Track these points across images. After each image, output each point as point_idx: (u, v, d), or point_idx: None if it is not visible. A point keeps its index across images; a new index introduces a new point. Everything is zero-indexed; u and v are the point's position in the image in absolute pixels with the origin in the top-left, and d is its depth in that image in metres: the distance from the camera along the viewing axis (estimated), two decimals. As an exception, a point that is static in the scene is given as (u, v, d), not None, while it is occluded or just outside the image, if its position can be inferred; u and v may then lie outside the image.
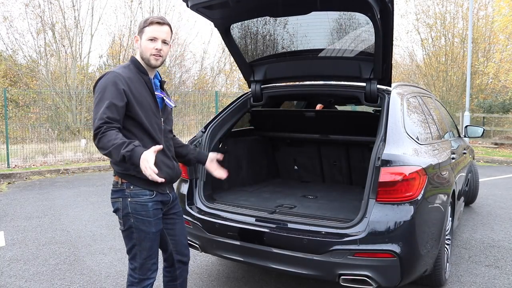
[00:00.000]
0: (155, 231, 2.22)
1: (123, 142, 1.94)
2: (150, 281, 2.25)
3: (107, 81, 2.09)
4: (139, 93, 2.15)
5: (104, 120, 2.00)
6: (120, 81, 2.09)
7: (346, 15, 3.00)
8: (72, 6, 15.95)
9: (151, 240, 2.21)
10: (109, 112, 2.02)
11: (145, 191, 2.18)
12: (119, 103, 2.06)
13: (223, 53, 19.78)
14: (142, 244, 2.19)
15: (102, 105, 2.04)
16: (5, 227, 5.04)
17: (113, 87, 2.07)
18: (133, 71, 2.20)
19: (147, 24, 2.19)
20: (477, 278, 3.52)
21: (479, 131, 5.28)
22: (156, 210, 2.23)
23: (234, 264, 3.81)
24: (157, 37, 2.18)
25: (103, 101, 2.05)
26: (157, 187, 2.21)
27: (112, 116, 2.02)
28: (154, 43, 2.18)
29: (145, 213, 2.17)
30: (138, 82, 2.18)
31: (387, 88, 3.17)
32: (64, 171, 9.28)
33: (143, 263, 2.21)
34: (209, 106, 14.01)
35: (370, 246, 2.50)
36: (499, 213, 5.64)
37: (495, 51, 18.10)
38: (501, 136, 15.34)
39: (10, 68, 16.64)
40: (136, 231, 2.17)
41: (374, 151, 2.64)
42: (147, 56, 2.19)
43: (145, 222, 2.17)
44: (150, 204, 2.19)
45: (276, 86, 3.62)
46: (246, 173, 4.16)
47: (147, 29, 2.18)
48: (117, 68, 2.18)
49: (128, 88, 2.11)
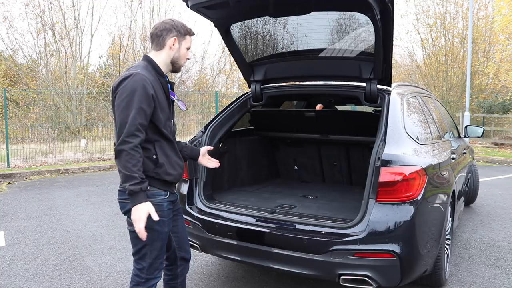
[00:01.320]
0: (167, 230, 2.24)
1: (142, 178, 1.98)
2: (156, 280, 2.26)
3: (135, 84, 2.01)
4: (161, 97, 2.14)
5: (136, 127, 1.97)
6: (148, 85, 2.05)
7: (346, 15, 3.00)
8: (72, 6, 15.97)
9: (163, 239, 2.23)
10: (140, 118, 1.98)
11: (160, 192, 2.18)
12: (148, 109, 2.03)
13: (223, 53, 19.77)
14: (154, 244, 2.19)
15: (131, 109, 1.98)
16: (5, 227, 5.04)
17: (143, 91, 2.01)
18: (152, 72, 2.15)
19: (190, 33, 2.27)
20: (477, 278, 3.52)
21: (479, 131, 5.28)
22: (169, 210, 2.26)
23: (234, 264, 3.81)
24: (190, 48, 2.29)
25: (132, 105, 1.99)
26: (170, 187, 2.25)
27: (142, 122, 2.00)
28: (188, 52, 2.28)
29: (161, 213, 2.14)
30: (157, 84, 2.14)
31: (387, 88, 3.17)
32: (64, 171, 9.28)
33: (152, 263, 2.21)
34: (209, 106, 14.02)
35: (370, 246, 2.50)
36: (499, 213, 5.64)
37: (495, 51, 18.10)
38: (501, 136, 15.35)
39: (10, 68, 16.64)
40: (149, 232, 2.12)
41: (374, 151, 2.64)
42: (180, 63, 2.27)
43: (160, 222, 2.15)
44: (165, 204, 2.20)
45: (276, 86, 3.62)
46: (246, 173, 4.16)
47: (188, 38, 2.27)
48: (140, 69, 2.09)
49: (155, 92, 2.08)
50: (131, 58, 17.63)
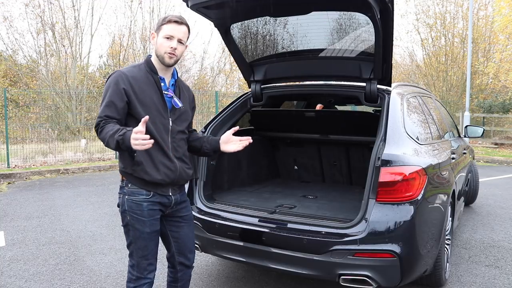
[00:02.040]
0: (149, 231, 2.20)
1: (118, 129, 1.99)
2: (146, 280, 2.24)
3: (110, 81, 2.15)
4: (143, 92, 2.15)
5: (102, 118, 2.08)
6: (122, 80, 2.12)
7: (346, 15, 2.99)
8: (72, 6, 15.98)
9: (146, 240, 2.20)
10: (108, 111, 2.09)
11: (141, 191, 2.18)
12: (119, 102, 2.10)
13: (223, 53, 19.79)
14: (137, 243, 2.20)
15: (103, 103, 2.12)
16: (5, 227, 5.04)
17: (115, 86, 2.12)
18: (142, 70, 2.21)
19: (165, 22, 2.18)
20: (477, 278, 3.52)
21: (479, 131, 5.28)
22: (152, 211, 2.20)
23: (234, 264, 3.81)
24: (173, 36, 2.16)
25: (104, 100, 2.12)
26: (156, 188, 2.19)
27: (110, 114, 2.09)
28: (170, 41, 2.17)
29: (140, 212, 2.17)
30: (144, 81, 2.18)
31: (387, 88, 3.17)
32: (64, 171, 9.28)
33: (139, 262, 2.22)
34: (209, 106, 14.02)
35: (370, 246, 2.50)
36: (499, 213, 5.64)
37: (495, 51, 18.11)
38: (501, 136, 15.35)
39: (10, 68, 16.65)
40: (132, 229, 2.19)
41: (374, 151, 2.64)
42: (161, 54, 2.18)
43: (140, 221, 2.17)
44: (145, 204, 2.17)
45: (276, 86, 3.62)
46: (246, 173, 4.16)
47: (165, 27, 2.17)
48: (125, 67, 2.24)
49: (130, 87, 2.12)
50: (131, 58, 17.64)
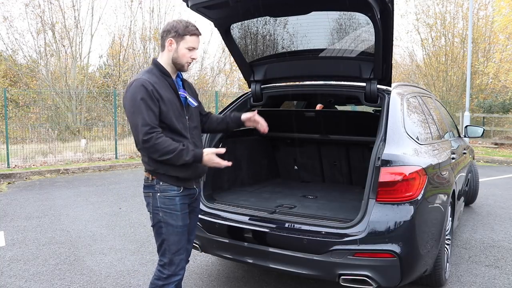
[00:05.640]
0: (182, 224, 2.30)
1: (181, 149, 2.14)
2: (177, 277, 2.32)
3: (138, 90, 2.14)
4: (166, 96, 2.22)
5: (151, 126, 2.11)
6: (149, 87, 2.16)
7: (346, 15, 3.00)
8: (72, 6, 15.98)
9: (179, 234, 2.30)
10: (149, 119, 2.12)
11: (172, 187, 2.28)
12: (155, 109, 2.15)
13: (223, 53, 19.77)
14: (170, 239, 2.28)
15: (140, 113, 2.12)
16: (5, 227, 5.04)
17: (146, 94, 2.14)
18: (157, 74, 2.26)
19: (189, 33, 2.25)
20: (477, 278, 3.52)
21: (479, 131, 5.28)
22: (183, 205, 2.32)
23: (234, 264, 3.81)
24: (195, 48, 2.29)
25: (140, 109, 2.12)
26: (184, 183, 2.31)
27: (155, 122, 2.14)
28: (191, 52, 2.29)
29: (173, 207, 2.27)
30: (162, 85, 2.24)
31: (387, 88, 3.17)
32: (64, 171, 9.28)
33: (171, 259, 2.29)
34: (209, 106, 14.00)
35: (370, 246, 2.50)
36: (499, 213, 5.64)
37: (495, 51, 18.11)
38: (501, 136, 15.35)
39: (10, 68, 16.64)
40: (164, 226, 2.26)
41: (374, 151, 2.64)
42: (181, 63, 2.28)
43: (173, 215, 2.27)
44: (178, 199, 2.29)
45: (276, 86, 3.62)
46: (246, 173, 4.16)
47: (188, 39, 2.26)
48: (141, 74, 2.24)
49: (157, 92, 2.18)
50: (131, 58, 17.64)
